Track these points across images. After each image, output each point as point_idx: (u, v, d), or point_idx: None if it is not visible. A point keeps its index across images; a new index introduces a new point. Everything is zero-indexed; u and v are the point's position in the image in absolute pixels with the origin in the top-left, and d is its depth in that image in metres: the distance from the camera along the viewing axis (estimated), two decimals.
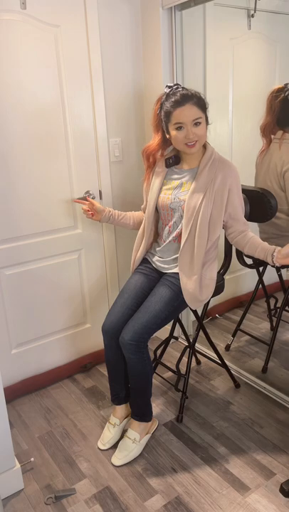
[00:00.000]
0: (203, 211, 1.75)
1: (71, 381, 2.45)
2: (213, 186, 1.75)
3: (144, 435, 1.92)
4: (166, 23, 2.23)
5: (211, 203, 1.76)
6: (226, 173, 1.76)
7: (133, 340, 1.75)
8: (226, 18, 2.57)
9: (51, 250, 2.28)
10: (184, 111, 1.69)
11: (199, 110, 1.71)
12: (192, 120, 1.70)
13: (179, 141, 1.74)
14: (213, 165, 1.77)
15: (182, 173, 1.85)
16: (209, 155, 1.79)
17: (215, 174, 1.76)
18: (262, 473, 1.77)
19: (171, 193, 1.84)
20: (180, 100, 1.70)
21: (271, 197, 2.17)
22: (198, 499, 1.67)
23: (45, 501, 1.70)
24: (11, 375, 2.30)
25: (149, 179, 1.94)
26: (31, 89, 2.04)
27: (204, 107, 1.75)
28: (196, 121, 1.70)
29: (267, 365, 2.42)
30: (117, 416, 1.98)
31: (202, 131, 1.73)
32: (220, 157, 1.81)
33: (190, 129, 1.70)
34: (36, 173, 2.14)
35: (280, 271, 2.59)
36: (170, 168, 1.88)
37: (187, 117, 1.69)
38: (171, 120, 1.73)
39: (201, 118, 1.72)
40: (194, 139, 1.72)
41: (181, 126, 1.71)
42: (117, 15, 2.23)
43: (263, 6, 2.68)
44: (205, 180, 1.76)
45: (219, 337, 2.76)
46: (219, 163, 1.78)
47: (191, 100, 1.70)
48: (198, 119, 1.71)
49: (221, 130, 2.73)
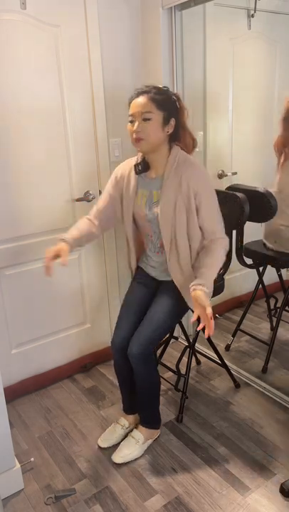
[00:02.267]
0: (178, 221, 1.66)
1: (71, 381, 2.45)
2: (181, 192, 1.64)
3: (147, 438, 1.92)
4: (166, 23, 2.23)
5: (184, 209, 1.65)
6: (189, 175, 1.64)
7: (139, 352, 1.74)
8: (226, 18, 2.57)
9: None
10: (136, 102, 1.60)
11: (153, 105, 1.58)
12: (141, 113, 1.58)
13: (130, 135, 1.64)
14: (178, 169, 1.65)
15: (151, 181, 1.73)
16: (173, 159, 1.66)
17: (180, 179, 1.64)
18: (262, 473, 1.77)
19: (145, 204, 1.74)
20: (138, 92, 1.62)
21: (271, 197, 2.17)
22: (198, 499, 1.67)
23: (45, 501, 1.70)
24: (11, 375, 2.30)
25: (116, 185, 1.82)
26: (31, 90, 2.04)
27: (162, 105, 1.60)
28: (144, 115, 1.58)
29: (267, 365, 2.42)
30: (128, 420, 1.98)
31: (150, 129, 1.59)
32: (185, 159, 1.68)
33: (138, 121, 1.59)
34: (36, 173, 2.14)
35: (280, 271, 2.59)
36: (140, 175, 1.76)
37: (136, 109, 1.59)
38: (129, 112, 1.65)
39: (151, 114, 1.58)
40: (140, 135, 1.59)
41: (132, 120, 1.62)
42: (117, 15, 2.23)
43: (263, 6, 2.68)
44: (172, 188, 1.65)
45: (219, 337, 2.76)
46: (183, 165, 1.66)
47: (147, 93, 1.59)
48: (148, 113, 1.58)
49: (221, 130, 2.73)
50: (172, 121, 1.64)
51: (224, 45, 2.60)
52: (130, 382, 1.90)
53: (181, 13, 2.23)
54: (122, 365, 1.87)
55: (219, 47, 2.57)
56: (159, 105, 1.59)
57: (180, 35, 2.27)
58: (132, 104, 1.62)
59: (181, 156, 1.67)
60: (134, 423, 1.99)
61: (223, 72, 2.64)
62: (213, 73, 2.57)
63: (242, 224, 2.18)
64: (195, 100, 2.52)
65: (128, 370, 1.84)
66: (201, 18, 2.43)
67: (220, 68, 2.61)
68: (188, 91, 2.39)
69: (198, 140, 2.56)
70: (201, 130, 2.61)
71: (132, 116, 1.62)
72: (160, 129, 1.61)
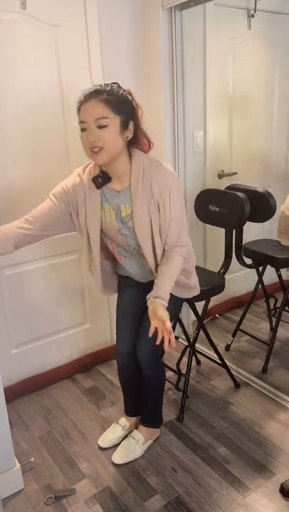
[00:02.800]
0: (155, 232, 1.53)
1: (71, 381, 2.45)
2: (153, 200, 1.49)
3: (147, 439, 1.92)
4: (166, 23, 2.23)
5: (158, 217, 1.52)
6: (158, 179, 1.49)
7: (148, 353, 1.73)
8: (226, 18, 2.57)
9: (51, 250, 2.28)
10: (87, 107, 1.39)
11: (107, 109, 1.38)
12: (94, 120, 1.38)
13: (84, 145, 1.44)
14: (146, 178, 1.49)
15: (116, 195, 1.55)
16: (137, 167, 1.50)
17: (150, 186, 1.49)
18: (262, 473, 1.77)
19: (115, 219, 1.57)
20: (88, 95, 1.41)
21: (270, 197, 2.17)
22: (198, 499, 1.67)
23: (45, 501, 1.70)
24: (11, 375, 2.30)
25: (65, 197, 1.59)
26: (31, 89, 2.04)
27: (118, 108, 1.40)
28: (99, 122, 1.38)
29: (267, 365, 2.42)
30: (129, 421, 1.98)
31: (107, 138, 1.39)
32: (150, 163, 1.52)
33: (92, 129, 1.39)
34: (36, 173, 2.14)
35: (280, 271, 2.59)
36: (102, 188, 1.55)
37: (88, 115, 1.39)
38: (78, 118, 1.44)
39: (106, 119, 1.38)
40: (97, 143, 1.39)
41: (84, 127, 1.41)
42: (117, 15, 2.23)
43: (263, 6, 2.68)
44: (144, 200, 1.50)
45: (219, 337, 2.76)
46: (150, 171, 1.50)
47: (99, 96, 1.38)
48: (102, 119, 1.37)
49: (220, 130, 2.73)
50: (131, 124, 1.46)
51: (224, 45, 2.60)
52: (134, 386, 1.90)
53: (181, 13, 2.23)
54: (127, 370, 1.87)
55: (219, 47, 2.57)
56: (114, 108, 1.39)
57: (180, 35, 2.27)
58: (83, 110, 1.40)
59: (145, 161, 1.51)
60: (134, 425, 1.99)
61: (223, 72, 2.64)
62: (213, 73, 2.57)
63: (242, 224, 2.19)
64: (195, 100, 2.52)
65: (132, 374, 1.85)
66: (201, 18, 2.44)
67: (220, 68, 2.61)
68: (188, 91, 2.39)
69: (199, 140, 2.59)
70: (201, 130, 2.61)
71: (83, 123, 1.41)
72: (119, 135, 1.43)
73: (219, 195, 2.24)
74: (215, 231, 2.50)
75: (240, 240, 2.34)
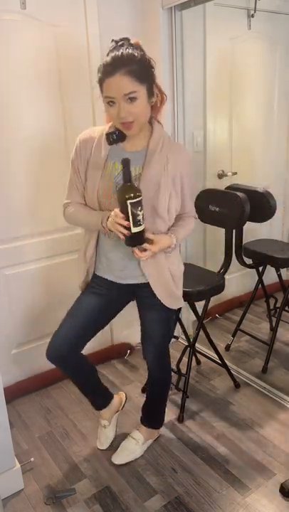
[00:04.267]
0: (160, 202, 1.46)
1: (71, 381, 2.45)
2: (167, 173, 1.46)
3: (147, 438, 1.92)
4: (166, 23, 2.23)
5: (168, 190, 1.47)
6: (177, 157, 1.48)
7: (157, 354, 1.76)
8: (226, 18, 2.57)
9: (51, 250, 2.28)
10: (113, 83, 1.31)
11: (134, 81, 1.31)
12: (123, 95, 1.31)
13: (113, 119, 1.40)
14: (164, 149, 1.47)
15: (127, 155, 1.44)
16: (158, 137, 1.47)
17: (167, 158, 1.46)
18: (262, 473, 1.77)
19: (114, 178, 1.47)
20: (109, 67, 1.31)
21: (270, 197, 2.17)
22: (198, 499, 1.67)
23: (45, 501, 1.70)
24: (11, 375, 2.30)
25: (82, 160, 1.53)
26: (31, 89, 2.04)
27: (144, 76, 1.34)
28: (128, 96, 1.32)
29: (267, 365, 2.42)
30: (105, 418, 1.96)
31: (138, 109, 1.35)
32: (169, 140, 1.52)
33: (122, 105, 1.33)
34: (36, 173, 2.14)
35: (280, 271, 2.59)
36: (113, 145, 1.48)
37: (117, 91, 1.31)
38: (102, 91, 1.37)
39: (136, 92, 1.32)
40: (128, 118, 1.35)
41: (112, 101, 1.34)
42: (117, 15, 2.23)
43: (263, 6, 2.68)
44: (158, 167, 1.45)
45: (219, 337, 2.76)
46: (169, 146, 1.49)
47: (123, 68, 1.30)
48: (132, 93, 1.31)
49: (221, 130, 2.73)
50: (155, 88, 1.42)
51: (224, 45, 2.60)
52: (87, 382, 1.84)
53: (181, 13, 2.23)
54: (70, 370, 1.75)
55: (219, 47, 2.57)
56: (139, 78, 1.33)
57: (180, 35, 2.27)
58: (108, 85, 1.33)
59: (165, 135, 1.51)
60: (111, 415, 1.96)
61: (223, 72, 2.64)
62: (213, 73, 2.57)
63: (242, 224, 2.19)
64: (195, 100, 2.52)
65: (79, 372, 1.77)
66: (201, 18, 2.44)
67: (220, 68, 2.61)
68: (188, 91, 2.39)
69: (199, 140, 2.59)
70: (201, 130, 2.61)
71: (110, 98, 1.34)
72: (147, 104, 1.39)
73: (219, 195, 2.24)
74: (215, 231, 2.50)
75: (240, 240, 2.34)
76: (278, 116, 3.01)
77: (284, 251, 2.39)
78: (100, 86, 1.37)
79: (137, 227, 1.35)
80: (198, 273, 2.18)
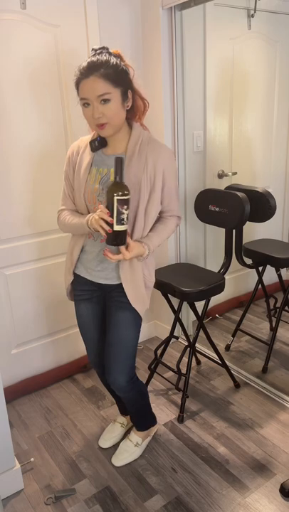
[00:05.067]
0: (140, 204, 1.49)
1: (71, 381, 2.45)
2: (146, 172, 1.48)
3: (145, 437, 1.92)
4: (166, 23, 2.23)
5: (148, 190, 1.50)
6: (156, 156, 1.49)
7: (123, 380, 1.66)
8: (226, 18, 2.57)
9: (51, 250, 2.28)
10: (87, 84, 1.37)
11: (108, 84, 1.37)
12: (97, 96, 1.37)
13: (88, 121, 1.45)
14: (142, 149, 1.49)
15: (109, 158, 1.52)
16: (136, 139, 1.50)
17: (146, 160, 1.48)
18: (262, 473, 1.77)
19: (99, 181, 1.52)
20: (84, 71, 1.38)
21: (270, 197, 2.17)
22: (198, 499, 1.67)
23: (45, 501, 1.70)
24: (11, 375, 2.30)
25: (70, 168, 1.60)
26: (31, 90, 2.04)
27: (117, 80, 1.39)
28: (102, 97, 1.37)
29: (267, 365, 2.42)
30: (126, 418, 2.01)
31: (111, 111, 1.40)
32: (149, 138, 1.52)
33: (96, 106, 1.38)
34: (36, 173, 2.14)
35: (280, 271, 2.59)
36: (96, 152, 1.55)
37: (91, 92, 1.37)
38: (78, 94, 1.43)
39: (109, 94, 1.37)
40: (101, 120, 1.40)
41: (87, 103, 1.40)
42: (117, 15, 2.23)
43: (263, 6, 2.68)
44: (136, 168, 1.48)
45: (219, 337, 2.76)
46: (149, 145, 1.50)
47: (97, 71, 1.36)
48: (105, 95, 1.37)
49: (220, 130, 2.73)
50: (129, 93, 1.46)
51: (224, 45, 2.60)
52: None
53: (181, 13, 2.23)
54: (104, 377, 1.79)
55: (219, 47, 2.57)
56: (114, 82, 1.38)
57: (180, 35, 2.27)
58: (83, 87, 1.39)
59: (144, 135, 1.53)
60: (129, 422, 2.01)
61: (223, 72, 2.64)
62: (213, 73, 2.57)
63: (242, 224, 2.19)
64: (195, 100, 2.52)
65: None
66: (201, 18, 2.43)
67: (220, 68, 2.61)
68: (188, 91, 2.39)
69: (199, 140, 2.59)
70: (201, 130, 2.61)
71: (85, 100, 1.40)
72: (121, 107, 1.43)
73: (219, 195, 2.24)
74: (215, 231, 2.50)
75: (240, 240, 2.34)
76: (278, 116, 3.01)
77: (284, 251, 2.39)
78: (77, 88, 1.43)
79: (119, 225, 1.36)
80: (198, 273, 2.18)
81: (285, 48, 2.88)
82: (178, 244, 2.61)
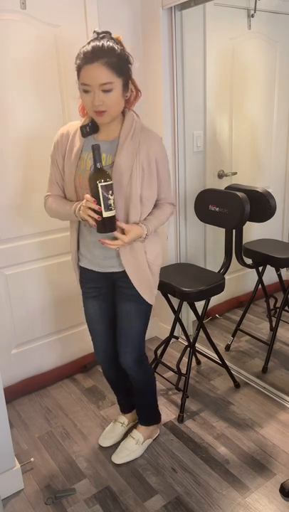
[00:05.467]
0: (133, 189, 1.48)
1: (71, 381, 2.45)
2: (139, 159, 1.48)
3: (147, 437, 1.92)
4: (166, 23, 2.23)
5: (140, 177, 1.49)
6: (149, 144, 1.49)
7: (133, 364, 1.73)
8: (226, 18, 2.57)
9: (51, 250, 2.28)
10: (90, 70, 1.34)
11: (111, 73, 1.35)
12: (99, 84, 1.35)
13: (87, 106, 1.43)
14: (135, 136, 1.49)
15: (101, 144, 1.47)
16: (129, 125, 1.49)
17: (138, 147, 1.48)
18: (262, 473, 1.77)
19: (90, 167, 1.50)
20: (89, 55, 1.34)
21: (270, 197, 2.17)
22: (198, 499, 1.67)
23: (45, 501, 1.70)
24: (11, 375, 2.30)
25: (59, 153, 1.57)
26: (31, 90, 2.04)
27: (122, 69, 1.38)
28: (104, 87, 1.35)
29: (267, 365, 2.42)
30: (127, 418, 2.01)
31: (112, 101, 1.38)
32: (142, 126, 1.52)
33: (97, 93, 1.36)
34: (36, 172, 2.14)
35: (280, 271, 2.59)
36: (87, 137, 1.52)
37: (93, 80, 1.35)
38: (79, 77, 1.40)
39: (111, 84, 1.35)
40: (101, 108, 1.38)
41: (87, 90, 1.38)
42: (117, 15, 2.23)
43: (263, 6, 2.68)
44: (129, 154, 1.47)
45: (219, 337, 2.76)
46: (142, 133, 1.50)
47: (102, 59, 1.33)
48: (107, 84, 1.35)
49: (220, 130, 2.73)
50: (130, 84, 1.45)
51: (224, 45, 2.60)
52: (121, 384, 1.93)
53: (181, 13, 2.23)
54: (111, 373, 1.89)
55: (219, 47, 2.57)
56: (117, 71, 1.37)
57: (180, 35, 2.27)
58: (86, 72, 1.35)
59: (138, 122, 1.52)
60: (132, 420, 2.01)
61: (223, 72, 2.64)
62: (213, 73, 2.57)
63: (242, 224, 2.19)
64: (195, 100, 2.52)
65: (117, 375, 1.87)
66: (201, 18, 2.43)
67: (220, 68, 2.61)
68: (188, 91, 2.39)
69: (199, 140, 2.59)
70: (201, 130, 2.61)
71: (86, 86, 1.37)
72: (121, 97, 1.42)
73: (219, 195, 2.24)
74: (215, 231, 2.50)
75: (240, 239, 2.34)
76: (278, 116, 3.01)
77: (284, 251, 2.39)
78: (78, 72, 1.39)
79: (108, 211, 1.37)
80: (198, 273, 2.18)
81: (285, 48, 2.88)
82: (178, 244, 2.61)
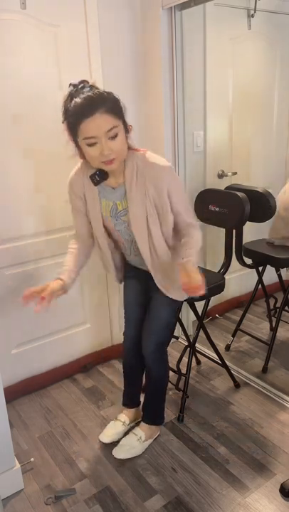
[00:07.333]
0: (153, 230, 1.55)
1: (71, 381, 2.45)
2: (149, 196, 1.50)
3: (148, 437, 1.93)
4: (166, 23, 2.23)
5: (155, 213, 1.53)
6: (156, 179, 1.48)
7: (153, 349, 1.79)
8: (226, 18, 2.57)
9: (51, 250, 2.28)
10: (94, 122, 1.33)
11: (113, 118, 1.35)
12: (106, 132, 1.35)
13: (93, 160, 1.43)
14: (140, 175, 1.49)
15: (111, 192, 1.57)
16: (131, 167, 1.49)
17: (145, 185, 1.49)
18: (262, 473, 1.77)
19: (110, 215, 1.60)
20: (86, 108, 1.33)
21: (270, 197, 2.17)
22: (198, 499, 1.67)
23: (45, 501, 1.70)
24: (11, 375, 2.30)
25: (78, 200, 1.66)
26: (31, 89, 2.04)
27: (120, 112, 1.39)
28: (111, 133, 1.36)
29: (267, 365, 2.42)
30: (127, 415, 2.01)
31: (120, 145, 1.40)
32: (143, 160, 1.49)
33: (104, 142, 1.36)
34: (36, 173, 2.14)
35: (280, 271, 2.59)
36: (99, 185, 1.57)
37: (99, 130, 1.34)
38: (78, 134, 1.39)
39: (116, 128, 1.37)
40: (110, 156, 1.39)
41: (93, 142, 1.37)
42: (117, 15, 2.23)
43: (263, 6, 2.68)
44: (139, 197, 1.50)
45: (219, 337, 2.76)
46: (144, 169, 1.48)
47: (100, 108, 1.33)
48: (113, 129, 1.36)
49: (221, 130, 2.73)
50: (128, 124, 1.46)
51: (224, 45, 2.60)
52: (135, 375, 1.97)
53: (181, 13, 2.23)
54: (131, 358, 1.94)
55: (219, 47, 2.57)
56: (117, 115, 1.38)
57: (180, 35, 2.27)
58: (88, 125, 1.34)
59: (138, 159, 1.50)
60: (133, 419, 2.01)
61: (223, 72, 2.64)
62: (213, 73, 2.57)
63: (242, 224, 2.19)
64: (195, 100, 2.52)
65: (136, 363, 1.92)
66: (201, 18, 2.43)
67: (220, 68, 2.61)
68: (188, 91, 2.39)
69: (199, 140, 2.59)
70: (201, 130, 2.61)
71: (91, 139, 1.36)
72: (125, 139, 1.44)
73: (219, 195, 2.24)
74: (215, 231, 2.50)
75: (240, 240, 2.34)
76: (278, 116, 3.01)
77: (284, 251, 2.39)
78: (73, 130, 1.39)
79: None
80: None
81: (285, 48, 2.88)
82: None
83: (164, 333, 1.82)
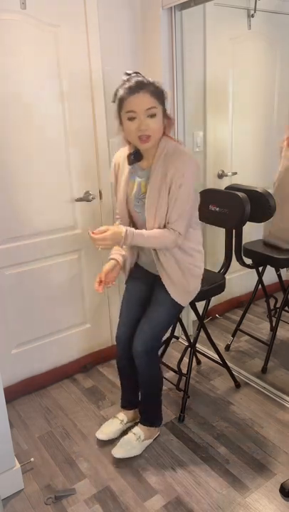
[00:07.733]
0: (160, 213, 1.63)
1: (71, 381, 2.45)
2: (166, 182, 1.61)
3: (147, 437, 1.92)
4: (166, 23, 2.23)
5: (166, 199, 1.63)
6: (176, 167, 1.59)
7: (143, 349, 1.78)
8: (226, 18, 2.57)
9: (51, 250, 2.28)
10: (137, 98, 1.53)
11: (155, 100, 1.55)
12: (145, 109, 1.53)
13: (131, 133, 1.58)
14: (166, 159, 1.61)
15: (141, 173, 1.71)
16: (161, 150, 1.63)
17: (167, 169, 1.60)
18: (262, 473, 1.77)
19: (135, 195, 1.72)
20: (134, 87, 1.54)
21: (270, 197, 2.17)
22: (198, 499, 1.67)
23: (45, 501, 1.70)
24: (11, 375, 2.30)
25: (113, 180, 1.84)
26: (31, 89, 2.04)
27: (161, 98, 1.58)
28: (149, 111, 1.54)
29: (267, 365, 2.42)
30: (126, 414, 2.01)
31: (156, 125, 1.57)
32: (174, 149, 1.63)
33: (143, 118, 1.54)
34: (36, 173, 2.14)
35: (280, 271, 2.59)
36: (133, 165, 1.72)
37: (140, 106, 1.53)
38: (122, 108, 1.57)
39: (155, 109, 1.55)
40: (146, 132, 1.55)
41: (133, 117, 1.55)
42: (117, 15, 2.23)
43: (263, 6, 2.68)
44: (158, 180, 1.62)
45: (219, 337, 2.76)
46: (172, 156, 1.61)
47: (145, 89, 1.53)
48: (153, 109, 1.54)
49: (221, 130, 2.73)
50: (167, 112, 1.63)
51: (224, 45, 2.60)
52: (131, 378, 1.93)
53: (181, 13, 2.23)
54: (124, 360, 1.91)
55: (219, 47, 2.57)
56: (159, 99, 1.56)
57: (180, 35, 2.27)
58: (132, 101, 1.53)
59: (170, 146, 1.64)
60: (132, 419, 2.01)
61: (223, 72, 2.64)
62: (213, 73, 2.57)
63: (242, 224, 2.19)
64: (195, 100, 2.52)
65: (130, 365, 1.88)
66: (201, 18, 2.44)
67: (220, 68, 2.61)
68: (188, 91, 2.39)
69: (199, 140, 2.59)
70: (201, 130, 2.61)
71: (132, 113, 1.54)
72: (162, 123, 1.60)
73: (219, 195, 2.24)
74: (215, 231, 2.50)
75: (240, 240, 2.33)
76: (278, 116, 3.01)
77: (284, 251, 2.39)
78: (121, 104, 1.57)
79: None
80: None
81: (285, 48, 2.88)
82: None
83: (157, 331, 1.81)
